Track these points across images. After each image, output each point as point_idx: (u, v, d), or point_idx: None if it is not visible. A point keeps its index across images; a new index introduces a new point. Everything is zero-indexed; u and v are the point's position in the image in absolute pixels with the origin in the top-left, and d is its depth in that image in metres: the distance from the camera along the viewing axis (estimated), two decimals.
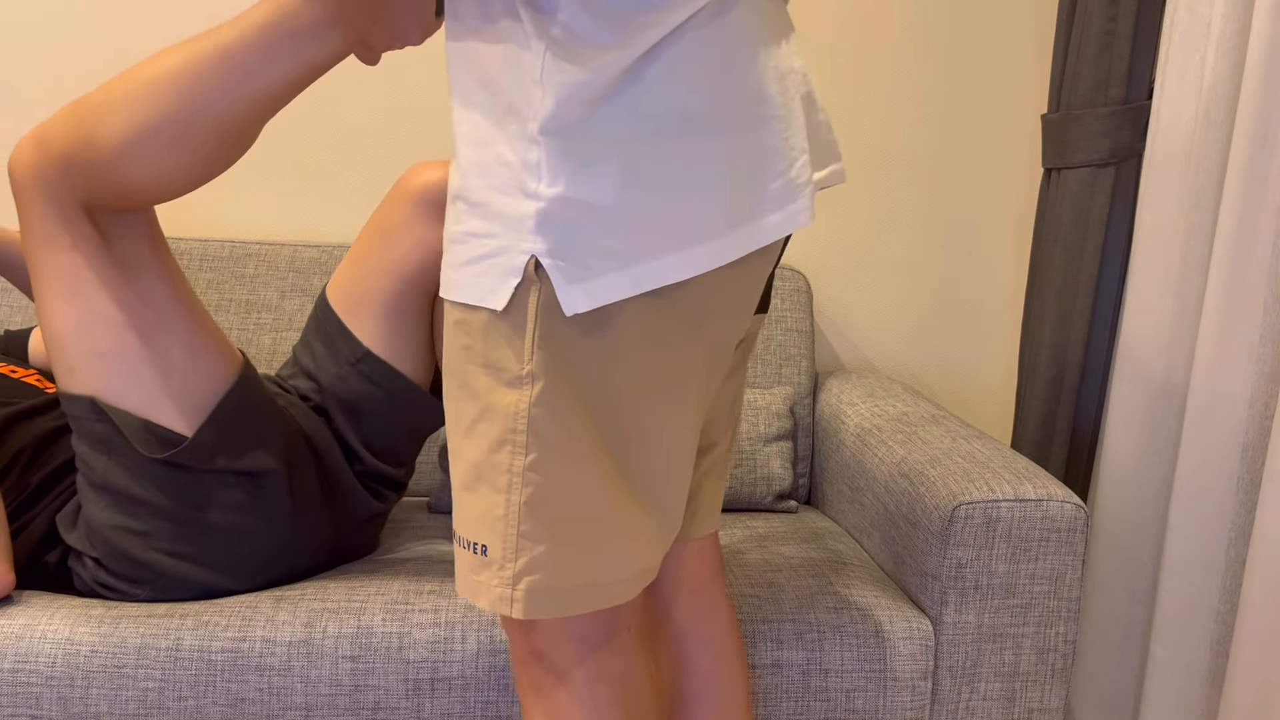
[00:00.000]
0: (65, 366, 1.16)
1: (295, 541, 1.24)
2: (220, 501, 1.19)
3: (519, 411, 0.78)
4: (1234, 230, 1.38)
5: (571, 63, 0.73)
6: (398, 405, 1.32)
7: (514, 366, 0.77)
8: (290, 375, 1.36)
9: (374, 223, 1.32)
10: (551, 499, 0.79)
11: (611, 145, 0.74)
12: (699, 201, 0.76)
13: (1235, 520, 1.43)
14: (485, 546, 0.82)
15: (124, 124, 1.05)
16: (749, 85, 0.77)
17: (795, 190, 0.80)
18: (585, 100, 0.73)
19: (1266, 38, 1.34)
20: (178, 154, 1.06)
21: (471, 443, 0.81)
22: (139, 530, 1.17)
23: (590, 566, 0.82)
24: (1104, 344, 1.67)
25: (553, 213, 0.74)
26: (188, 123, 1.04)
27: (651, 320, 0.78)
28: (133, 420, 1.15)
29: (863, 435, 1.53)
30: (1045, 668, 1.25)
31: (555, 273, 0.74)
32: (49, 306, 1.15)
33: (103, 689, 1.11)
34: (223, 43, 1.03)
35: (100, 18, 1.77)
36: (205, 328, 1.20)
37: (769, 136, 0.78)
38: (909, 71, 1.88)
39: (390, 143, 1.83)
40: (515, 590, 0.81)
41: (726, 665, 1.03)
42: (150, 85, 1.05)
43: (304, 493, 1.24)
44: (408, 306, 1.30)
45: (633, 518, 0.83)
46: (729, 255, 0.77)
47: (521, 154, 0.75)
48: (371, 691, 1.14)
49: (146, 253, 1.16)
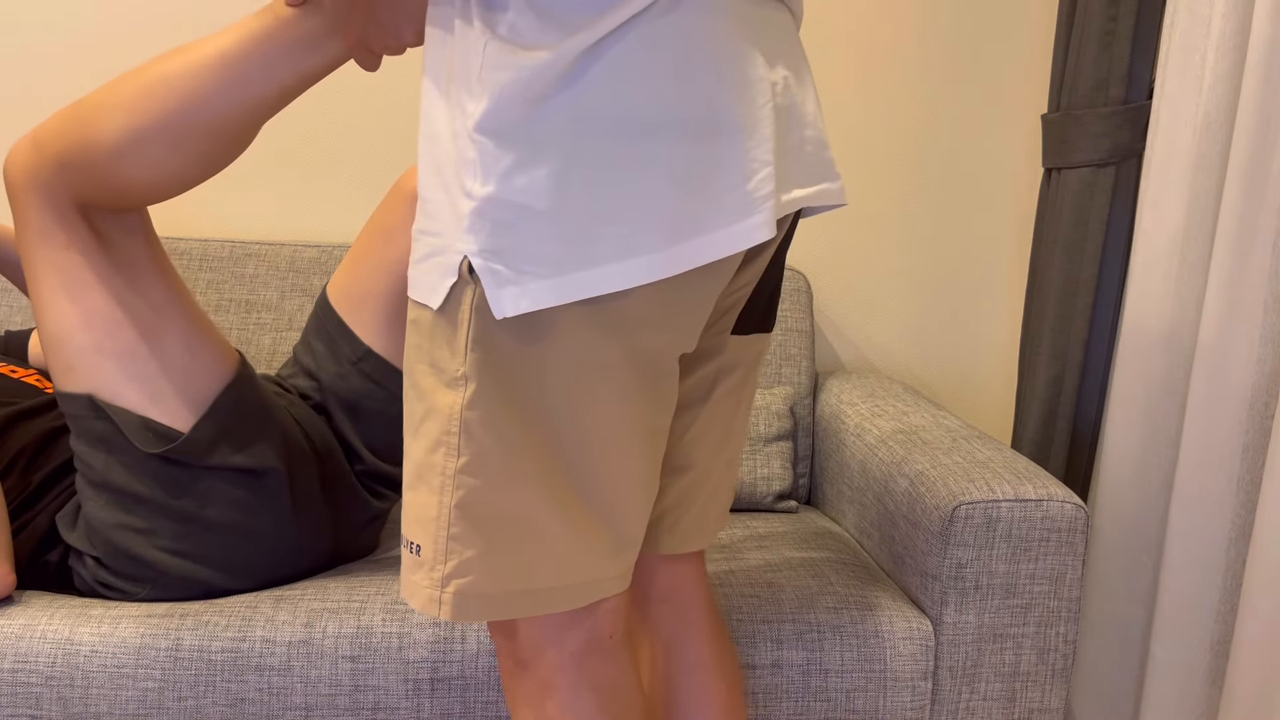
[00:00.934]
0: (62, 365, 1.16)
1: (297, 541, 1.24)
2: (221, 499, 1.19)
3: (453, 413, 0.77)
4: (1234, 230, 1.38)
5: (511, 61, 0.72)
6: (398, 404, 1.32)
7: (450, 366, 0.77)
8: (291, 375, 1.36)
9: (374, 222, 1.32)
10: (482, 503, 0.78)
11: (549, 147, 0.72)
12: (638, 211, 0.73)
13: (1235, 521, 1.43)
14: (420, 546, 0.81)
15: (122, 125, 1.06)
16: (700, 91, 0.74)
17: (751, 205, 0.76)
18: (526, 100, 0.72)
19: (1266, 38, 1.34)
20: (174, 155, 1.06)
21: (416, 442, 0.81)
22: (139, 528, 1.17)
23: (522, 572, 0.80)
24: (1104, 344, 1.66)
25: (486, 213, 0.73)
26: (185, 125, 1.05)
27: (585, 329, 0.76)
28: (131, 417, 1.15)
29: (863, 435, 1.53)
30: (1045, 668, 1.25)
31: (485, 274, 0.74)
32: (45, 306, 1.15)
33: (103, 689, 1.11)
34: (222, 49, 1.04)
35: (104, 23, 1.77)
36: (201, 325, 1.21)
37: (724, 146, 0.75)
38: (909, 71, 1.88)
39: (390, 142, 1.83)
40: (444, 592, 0.80)
41: (697, 676, 1.02)
42: (149, 88, 1.05)
43: (305, 492, 1.24)
44: (407, 306, 1.30)
45: (577, 524, 0.81)
46: (668, 270, 0.74)
47: (462, 152, 0.74)
48: (371, 691, 1.14)
49: (142, 252, 1.17)
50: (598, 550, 0.83)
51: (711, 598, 1.06)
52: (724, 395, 0.96)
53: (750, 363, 0.97)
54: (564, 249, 0.73)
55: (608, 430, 0.80)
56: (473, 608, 0.80)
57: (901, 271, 1.94)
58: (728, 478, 1.02)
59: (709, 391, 0.95)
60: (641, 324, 0.77)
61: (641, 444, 0.83)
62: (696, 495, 0.99)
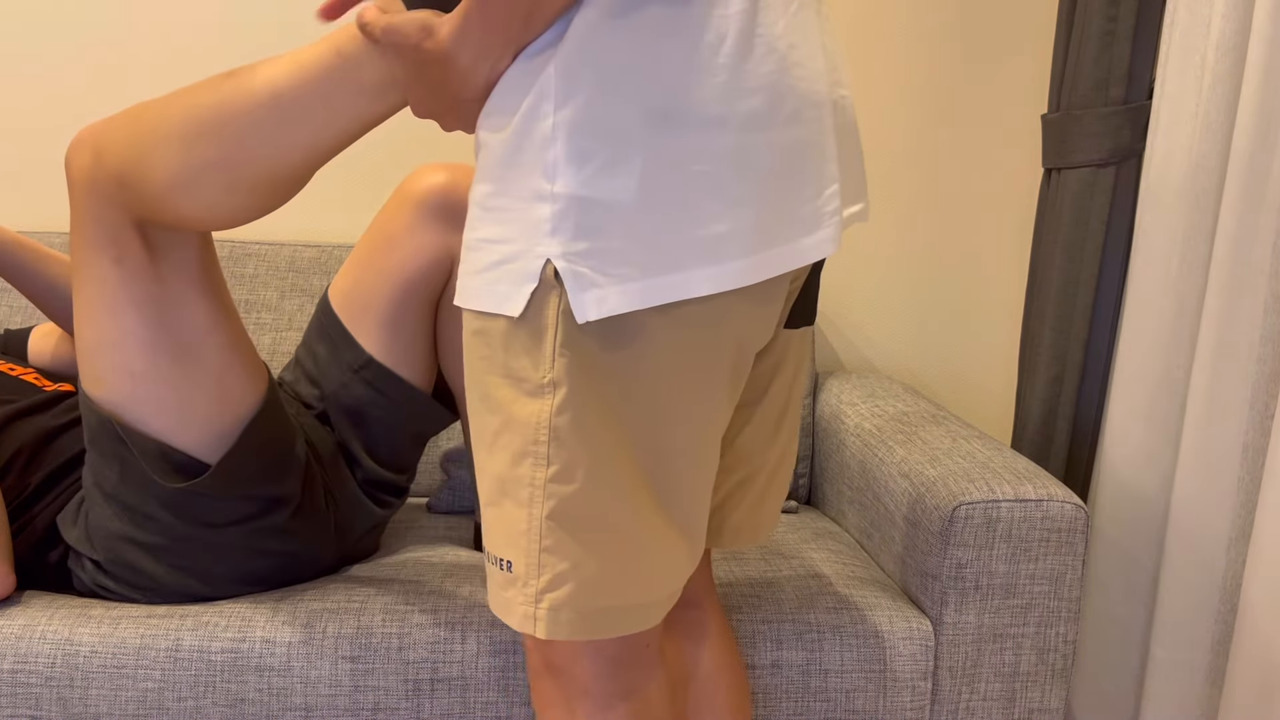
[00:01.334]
0: (93, 375, 1.13)
1: (301, 553, 1.24)
2: (232, 523, 1.17)
3: (540, 422, 0.75)
4: (1234, 230, 1.38)
5: (594, 55, 0.72)
6: (401, 411, 1.32)
7: (534, 375, 0.75)
8: (294, 380, 1.36)
9: (377, 226, 1.31)
10: (575, 512, 0.77)
11: (636, 144, 0.72)
12: (724, 216, 0.73)
13: (1235, 521, 1.43)
14: (510, 562, 0.79)
15: (178, 161, 1.01)
16: (778, 89, 0.76)
17: (821, 219, 0.78)
18: (606, 93, 0.72)
19: (1266, 38, 1.34)
20: (230, 195, 1.02)
21: (494, 457, 0.79)
22: (145, 543, 1.16)
23: (617, 586, 0.79)
24: (1104, 344, 1.66)
25: (569, 214, 0.72)
26: (240, 167, 1.00)
27: (673, 332, 0.75)
28: (150, 445, 1.13)
29: (863, 435, 1.53)
30: (1045, 668, 1.25)
31: (569, 277, 0.72)
32: (85, 313, 1.12)
33: (102, 689, 1.11)
34: (276, 85, 0.97)
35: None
36: (240, 353, 1.17)
37: (805, 161, 0.77)
38: (909, 71, 1.88)
39: (392, 143, 1.83)
40: (538, 608, 0.78)
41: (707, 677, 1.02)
42: (204, 122, 1.00)
43: (311, 508, 1.23)
44: (410, 312, 1.29)
45: (662, 537, 0.80)
46: (750, 278, 0.75)
47: (539, 153, 0.73)
48: (371, 692, 1.14)
49: (193, 273, 1.12)
50: (678, 562, 0.82)
51: (718, 598, 1.06)
52: (778, 391, 0.95)
53: (800, 356, 0.97)
54: (649, 252, 0.72)
55: (692, 437, 0.79)
56: (569, 624, 0.78)
57: (901, 271, 1.94)
58: (780, 473, 1.00)
59: (765, 389, 0.94)
60: (726, 325, 0.77)
61: (715, 452, 0.83)
62: (748, 494, 0.98)
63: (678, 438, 0.79)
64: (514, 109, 0.74)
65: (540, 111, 0.73)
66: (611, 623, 0.80)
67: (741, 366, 0.82)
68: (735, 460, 0.95)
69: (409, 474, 1.40)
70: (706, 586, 1.04)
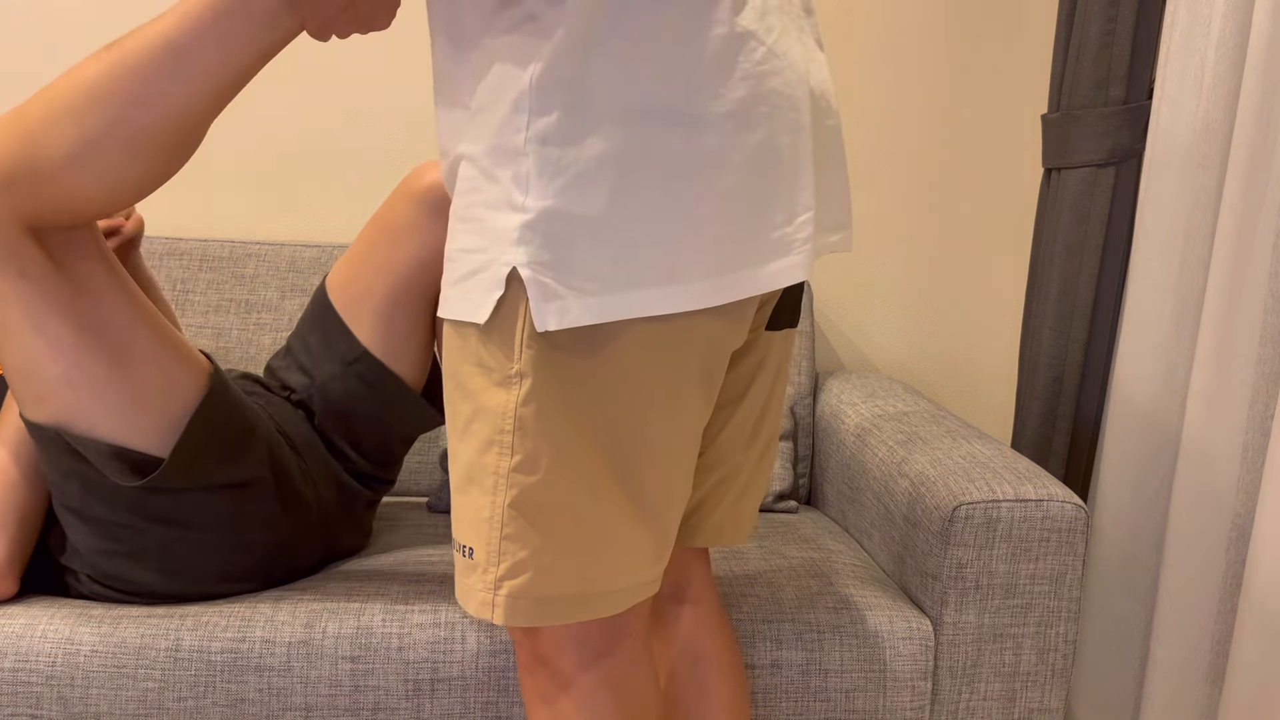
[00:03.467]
0: (32, 397, 1.10)
1: (287, 542, 1.23)
2: (207, 516, 1.16)
3: (507, 411, 0.77)
4: (1234, 230, 1.38)
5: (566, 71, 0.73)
6: (389, 409, 1.31)
7: (504, 366, 0.77)
8: (284, 368, 1.35)
9: (378, 220, 1.31)
10: (537, 502, 0.78)
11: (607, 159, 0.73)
12: (687, 237, 0.75)
13: (1235, 521, 1.43)
14: (472, 549, 0.81)
15: (73, 136, 0.98)
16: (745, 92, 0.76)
17: (791, 245, 0.79)
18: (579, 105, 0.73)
19: (1266, 37, 1.34)
20: (134, 160, 0.99)
21: (465, 444, 0.80)
22: (125, 553, 1.15)
23: (576, 575, 0.80)
24: (1104, 344, 1.66)
25: (538, 225, 0.73)
26: (139, 125, 0.97)
27: (640, 341, 0.77)
28: (103, 448, 1.10)
29: (863, 435, 1.53)
30: (1045, 668, 1.25)
31: (532, 285, 0.74)
32: (6, 338, 1.07)
33: (103, 689, 1.11)
34: (167, 36, 0.95)
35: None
36: (170, 341, 1.14)
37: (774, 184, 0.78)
38: (909, 71, 1.88)
39: (391, 143, 1.83)
40: (497, 595, 0.79)
41: (700, 669, 1.02)
42: (94, 90, 0.98)
43: (291, 492, 1.23)
44: (407, 305, 1.29)
45: (626, 529, 0.81)
46: (710, 300, 0.76)
47: (513, 166, 0.74)
48: (371, 692, 1.14)
49: (99, 269, 1.09)
50: (643, 554, 0.83)
51: (718, 596, 1.06)
52: (758, 392, 0.96)
53: (782, 358, 0.98)
54: (613, 267, 0.74)
55: (661, 435, 0.80)
56: (527, 611, 0.80)
57: (901, 271, 1.94)
58: (760, 472, 1.02)
59: (745, 389, 0.95)
60: (692, 334, 0.79)
61: (690, 450, 0.84)
62: (728, 491, 0.99)
63: (646, 436, 0.80)
64: (492, 119, 0.75)
65: (515, 124, 0.74)
66: (568, 610, 0.81)
67: (713, 368, 0.83)
68: (716, 459, 0.97)
69: (394, 468, 1.40)
70: (705, 583, 1.05)
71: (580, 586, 0.80)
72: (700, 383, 0.82)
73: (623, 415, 0.78)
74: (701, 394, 0.83)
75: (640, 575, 0.84)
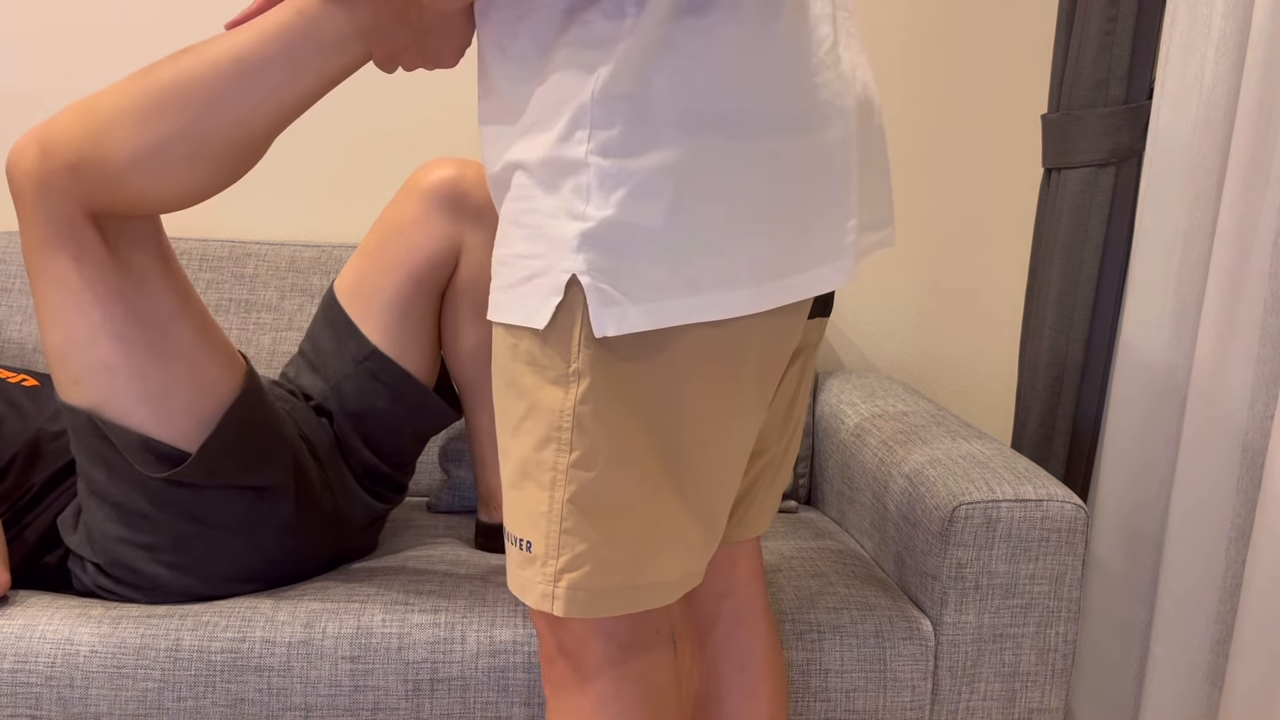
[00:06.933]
0: (68, 378, 1.12)
1: (299, 548, 1.24)
2: (224, 514, 1.17)
3: (564, 409, 0.78)
4: (1234, 230, 1.38)
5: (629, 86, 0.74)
6: (403, 404, 1.32)
7: (560, 365, 0.78)
8: (296, 373, 1.36)
9: (385, 219, 1.32)
10: (595, 497, 0.80)
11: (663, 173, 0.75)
12: (739, 247, 0.77)
13: (1235, 520, 1.43)
14: (530, 543, 0.82)
15: (138, 137, 1.00)
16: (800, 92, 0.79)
17: (839, 251, 0.82)
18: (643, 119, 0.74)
19: (1266, 37, 1.34)
20: (193, 168, 1.02)
21: (519, 440, 0.82)
22: (141, 543, 1.16)
23: (632, 567, 0.82)
24: (1104, 344, 1.66)
25: (597, 235, 0.75)
26: (203, 136, 1.00)
27: (698, 345, 0.79)
28: (132, 438, 1.12)
29: (863, 435, 1.53)
30: (1045, 668, 1.25)
31: (591, 292, 0.75)
32: (51, 318, 1.11)
33: (102, 689, 1.11)
34: (237, 51, 0.97)
35: (103, 13, 1.77)
36: (210, 338, 1.17)
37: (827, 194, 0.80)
38: (909, 71, 1.88)
39: (392, 142, 1.83)
40: (556, 587, 0.81)
41: (748, 675, 1.03)
42: (163, 96, 1.00)
43: (307, 500, 1.23)
44: (416, 302, 1.30)
45: (679, 522, 0.83)
46: (760, 305, 0.78)
47: (572, 175, 0.76)
48: (371, 692, 1.14)
49: (153, 261, 1.12)
50: (694, 546, 0.85)
51: (767, 598, 1.07)
52: (790, 380, 0.98)
53: (813, 346, 1.00)
54: (671, 274, 0.76)
55: (718, 438, 0.83)
56: (585, 602, 0.81)
57: (901, 271, 1.94)
58: (787, 460, 1.03)
59: (780, 378, 0.97)
60: (750, 336, 0.81)
61: (745, 448, 0.86)
62: (761, 482, 1.01)
63: (702, 435, 0.82)
64: (551, 131, 0.77)
65: (575, 138, 0.75)
66: (625, 601, 0.83)
67: (771, 368, 0.85)
68: (758, 448, 0.98)
69: (407, 470, 1.40)
70: (755, 578, 1.05)
71: (635, 578, 0.82)
72: (757, 382, 0.84)
73: (680, 416, 0.80)
74: (759, 393, 0.84)
75: (691, 566, 0.86)
